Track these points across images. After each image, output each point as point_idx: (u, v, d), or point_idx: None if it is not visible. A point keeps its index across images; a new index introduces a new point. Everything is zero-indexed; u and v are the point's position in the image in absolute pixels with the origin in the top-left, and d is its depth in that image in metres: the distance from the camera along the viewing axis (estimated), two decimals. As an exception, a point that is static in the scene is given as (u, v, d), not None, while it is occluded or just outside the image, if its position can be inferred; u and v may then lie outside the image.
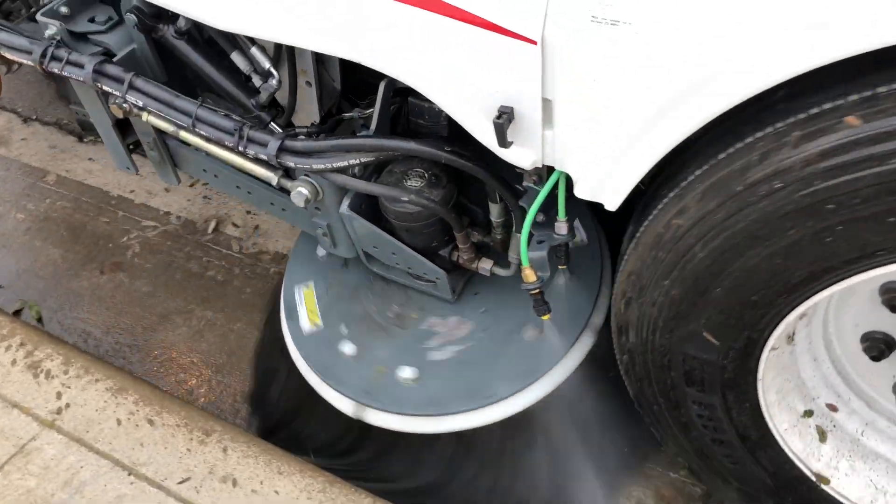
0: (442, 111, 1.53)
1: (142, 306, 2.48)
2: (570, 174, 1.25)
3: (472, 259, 1.70)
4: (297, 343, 1.87)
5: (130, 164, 2.02)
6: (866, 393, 1.48)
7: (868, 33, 0.89)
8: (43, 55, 1.66)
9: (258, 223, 2.69)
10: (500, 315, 1.83)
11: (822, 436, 1.48)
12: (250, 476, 1.76)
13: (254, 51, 1.58)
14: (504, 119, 1.18)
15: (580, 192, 1.24)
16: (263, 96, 1.64)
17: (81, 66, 1.62)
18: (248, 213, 2.73)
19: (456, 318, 1.86)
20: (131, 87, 1.61)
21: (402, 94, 1.54)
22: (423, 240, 1.69)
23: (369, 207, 1.70)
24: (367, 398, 1.75)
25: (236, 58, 1.63)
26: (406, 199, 1.57)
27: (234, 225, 2.70)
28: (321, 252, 2.01)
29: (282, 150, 1.52)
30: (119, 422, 1.87)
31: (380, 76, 1.42)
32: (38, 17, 1.70)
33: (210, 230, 2.69)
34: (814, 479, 1.46)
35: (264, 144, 1.54)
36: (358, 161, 1.49)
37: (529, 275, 1.47)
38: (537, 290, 1.51)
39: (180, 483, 1.75)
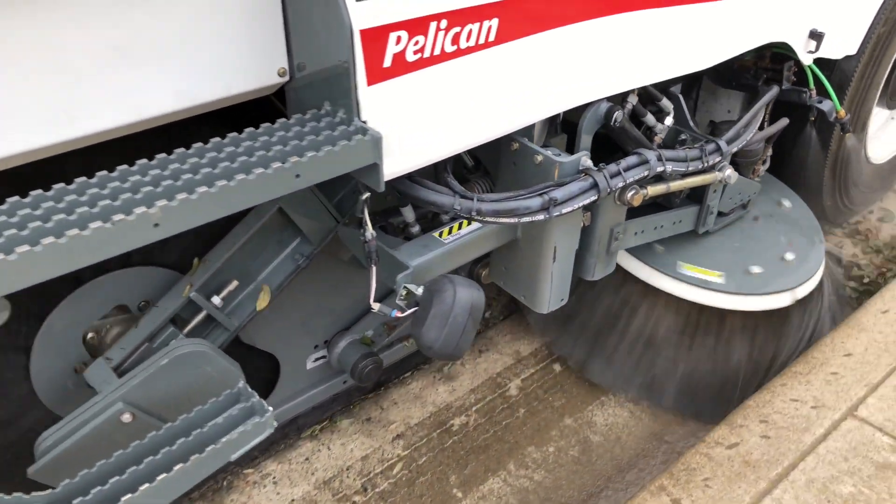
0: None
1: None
2: (829, 55, 2.43)
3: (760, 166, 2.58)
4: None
5: (567, 294, 2.05)
6: None
7: None
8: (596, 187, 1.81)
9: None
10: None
11: None
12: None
13: (664, 102, 2.22)
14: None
15: (834, 55, 2.41)
16: (663, 133, 2.27)
17: (646, 161, 1.92)
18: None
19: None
20: (660, 159, 1.95)
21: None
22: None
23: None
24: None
25: (648, 118, 2.25)
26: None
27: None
28: None
29: (729, 141, 2.19)
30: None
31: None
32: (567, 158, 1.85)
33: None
34: None
35: (718, 149, 2.13)
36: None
37: (844, 112, 2.51)
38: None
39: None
